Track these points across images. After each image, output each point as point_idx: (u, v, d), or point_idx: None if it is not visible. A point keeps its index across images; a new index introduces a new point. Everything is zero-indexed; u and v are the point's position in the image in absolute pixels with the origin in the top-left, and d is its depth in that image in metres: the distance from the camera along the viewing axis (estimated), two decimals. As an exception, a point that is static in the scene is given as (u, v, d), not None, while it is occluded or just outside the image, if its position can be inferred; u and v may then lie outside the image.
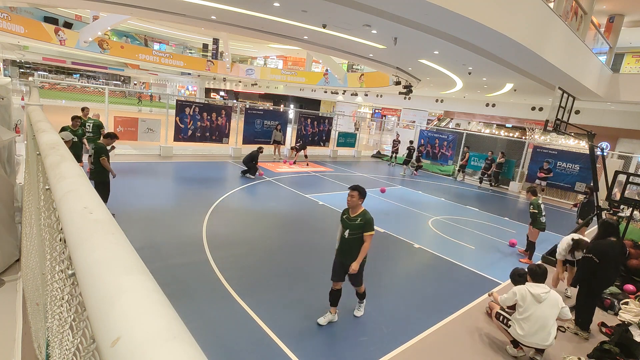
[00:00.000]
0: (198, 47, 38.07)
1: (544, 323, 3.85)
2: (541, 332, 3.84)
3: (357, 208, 4.00)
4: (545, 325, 3.85)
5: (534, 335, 3.86)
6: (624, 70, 17.11)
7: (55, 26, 23.08)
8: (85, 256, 0.63)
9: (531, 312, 3.88)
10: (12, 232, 4.35)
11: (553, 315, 3.88)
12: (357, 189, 4.00)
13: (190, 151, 14.09)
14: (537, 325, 3.85)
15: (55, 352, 1.48)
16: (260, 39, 15.22)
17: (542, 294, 3.88)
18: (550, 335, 3.87)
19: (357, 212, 3.99)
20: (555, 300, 3.92)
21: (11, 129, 5.75)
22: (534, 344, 3.88)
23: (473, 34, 7.84)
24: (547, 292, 3.90)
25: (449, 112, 27.34)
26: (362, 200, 4.00)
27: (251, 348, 3.61)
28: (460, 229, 8.70)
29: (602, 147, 8.25)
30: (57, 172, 1.14)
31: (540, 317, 3.85)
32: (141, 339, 0.43)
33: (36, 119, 2.46)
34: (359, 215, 3.97)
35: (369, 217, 3.99)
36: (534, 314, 3.87)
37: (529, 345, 3.93)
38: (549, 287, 3.98)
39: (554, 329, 3.90)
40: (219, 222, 6.92)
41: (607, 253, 4.54)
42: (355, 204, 3.98)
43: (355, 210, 4.00)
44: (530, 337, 3.88)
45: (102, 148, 6.07)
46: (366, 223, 3.95)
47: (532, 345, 3.91)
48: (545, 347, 3.91)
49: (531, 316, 3.88)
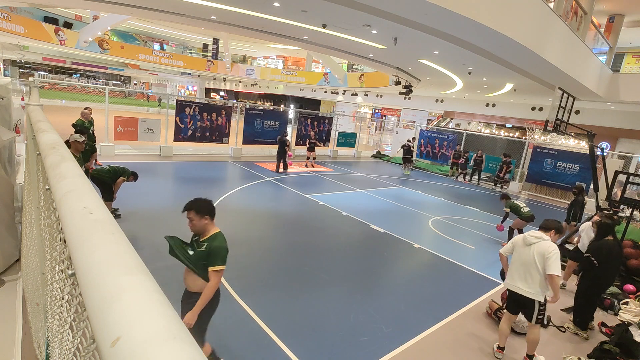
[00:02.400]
0: (198, 47, 38.08)
1: (526, 269, 3.81)
2: (521, 278, 3.83)
3: (206, 231, 2.89)
4: (527, 271, 3.79)
5: (518, 280, 3.85)
6: (624, 70, 17.10)
7: (55, 26, 23.07)
8: (85, 256, 0.63)
9: (518, 254, 3.92)
10: (12, 232, 4.35)
11: (537, 262, 3.74)
12: (192, 207, 2.86)
13: (190, 151, 14.09)
14: (522, 269, 3.83)
15: (55, 352, 1.48)
16: (260, 39, 15.21)
17: (533, 238, 3.86)
18: (533, 285, 3.75)
19: (206, 235, 2.88)
20: (544, 249, 3.75)
21: (11, 129, 5.75)
22: (517, 288, 3.84)
23: (473, 34, 7.84)
24: (538, 238, 3.83)
25: (449, 112, 27.32)
26: (210, 219, 2.91)
27: (251, 348, 3.61)
28: (460, 229, 8.70)
29: (602, 147, 8.25)
30: (57, 172, 1.14)
31: (526, 262, 3.81)
32: (141, 339, 0.43)
33: (36, 119, 2.46)
34: (206, 240, 2.84)
35: (219, 244, 2.82)
36: (519, 256, 3.89)
37: (513, 289, 3.88)
38: (547, 238, 3.86)
39: (536, 280, 3.74)
40: (218, 222, 6.86)
41: (606, 254, 4.56)
42: (200, 228, 2.86)
43: (205, 234, 2.89)
44: (514, 281, 3.87)
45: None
46: (211, 253, 2.77)
47: (515, 289, 3.85)
48: (527, 294, 3.77)
49: (517, 259, 3.91)
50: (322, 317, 4.30)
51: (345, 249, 6.64)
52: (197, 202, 2.91)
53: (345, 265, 5.90)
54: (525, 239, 3.90)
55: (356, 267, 5.88)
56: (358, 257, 6.34)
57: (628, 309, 5.05)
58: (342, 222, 8.03)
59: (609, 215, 5.77)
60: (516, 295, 3.88)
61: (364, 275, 5.56)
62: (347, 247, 6.72)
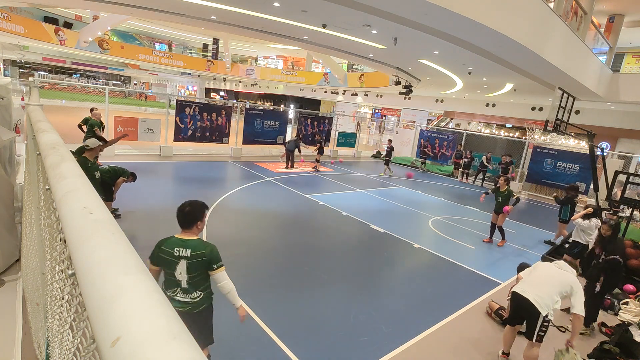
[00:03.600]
0: (198, 47, 38.08)
1: (545, 281, 3.55)
2: (539, 288, 3.51)
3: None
4: (543, 282, 3.53)
5: (529, 287, 3.55)
6: (624, 70, 17.10)
7: (55, 26, 23.08)
8: (86, 256, 0.63)
9: (542, 268, 3.71)
10: (12, 232, 4.35)
11: (558, 282, 3.52)
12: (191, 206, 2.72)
13: (190, 151, 14.10)
14: (538, 280, 3.57)
15: (55, 352, 1.48)
16: (261, 39, 15.22)
17: (565, 265, 3.71)
18: (544, 296, 3.43)
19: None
20: (574, 281, 3.54)
21: (11, 129, 5.75)
22: (526, 293, 3.51)
23: (473, 34, 7.84)
24: (569, 272, 3.66)
25: (449, 112, 27.33)
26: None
27: (251, 348, 3.61)
28: (460, 229, 8.70)
29: (602, 147, 8.25)
30: (57, 172, 1.14)
31: (549, 275, 3.58)
32: (141, 339, 0.43)
33: (36, 119, 2.46)
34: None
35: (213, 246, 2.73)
36: (543, 269, 3.68)
37: (522, 294, 3.52)
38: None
39: (550, 293, 3.46)
40: (219, 222, 6.92)
41: (623, 254, 4.65)
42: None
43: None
44: (527, 287, 3.56)
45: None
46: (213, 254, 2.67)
47: (524, 293, 3.50)
48: (535, 303, 3.42)
49: (538, 272, 3.67)
50: (322, 317, 4.30)
51: (345, 249, 6.64)
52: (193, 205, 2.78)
53: (345, 265, 5.90)
54: (557, 264, 3.76)
55: (356, 267, 5.88)
56: (358, 257, 6.34)
57: (628, 309, 5.05)
58: (342, 222, 8.03)
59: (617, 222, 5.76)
60: (522, 303, 3.54)
61: (364, 275, 5.56)
62: (347, 247, 6.72)
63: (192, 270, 2.61)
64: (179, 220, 2.70)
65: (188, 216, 2.67)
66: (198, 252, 2.61)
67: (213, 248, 2.69)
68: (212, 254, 2.64)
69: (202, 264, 2.62)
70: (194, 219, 2.68)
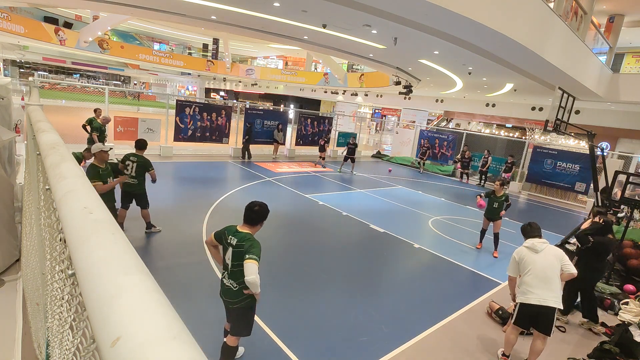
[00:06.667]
0: (198, 47, 38.09)
1: (546, 274, 3.56)
2: (544, 286, 3.53)
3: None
4: (548, 277, 3.55)
5: (539, 290, 3.53)
6: (624, 70, 17.09)
7: (55, 26, 23.08)
8: (86, 256, 0.63)
9: (531, 265, 3.64)
10: (12, 232, 4.35)
11: (554, 266, 3.60)
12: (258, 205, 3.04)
13: (190, 151, 14.09)
14: (542, 276, 3.56)
15: (55, 352, 1.48)
16: (261, 39, 15.22)
17: (538, 243, 3.71)
18: (556, 289, 3.53)
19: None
20: (555, 250, 3.66)
21: (11, 129, 5.75)
22: (542, 300, 3.51)
23: (473, 34, 7.84)
24: (543, 243, 3.72)
25: (449, 112, 27.33)
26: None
27: (251, 348, 3.61)
28: (460, 229, 8.70)
29: (602, 147, 8.25)
30: (57, 172, 1.14)
31: (542, 268, 3.58)
32: (141, 339, 0.43)
33: (36, 119, 2.46)
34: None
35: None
36: (535, 265, 3.62)
37: (535, 302, 3.53)
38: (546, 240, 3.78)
39: (557, 284, 3.56)
40: (219, 222, 6.92)
41: (606, 246, 4.78)
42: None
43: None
44: (536, 293, 3.54)
45: (147, 161, 5.77)
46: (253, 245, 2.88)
47: (539, 301, 3.52)
48: (553, 304, 3.50)
49: (533, 269, 3.62)
50: (322, 317, 4.30)
51: (345, 249, 6.64)
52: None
53: (345, 265, 5.90)
54: (531, 248, 3.71)
55: (356, 267, 5.88)
56: (358, 257, 6.34)
57: (628, 309, 5.05)
58: (342, 222, 8.03)
59: (609, 220, 5.74)
60: (541, 310, 3.53)
61: (364, 275, 5.56)
62: (347, 247, 6.72)
63: (235, 258, 2.86)
64: (246, 214, 2.98)
65: (255, 214, 2.97)
66: (242, 242, 2.85)
67: (254, 243, 2.85)
68: (249, 247, 2.81)
69: (241, 255, 2.80)
70: (258, 218, 2.99)
